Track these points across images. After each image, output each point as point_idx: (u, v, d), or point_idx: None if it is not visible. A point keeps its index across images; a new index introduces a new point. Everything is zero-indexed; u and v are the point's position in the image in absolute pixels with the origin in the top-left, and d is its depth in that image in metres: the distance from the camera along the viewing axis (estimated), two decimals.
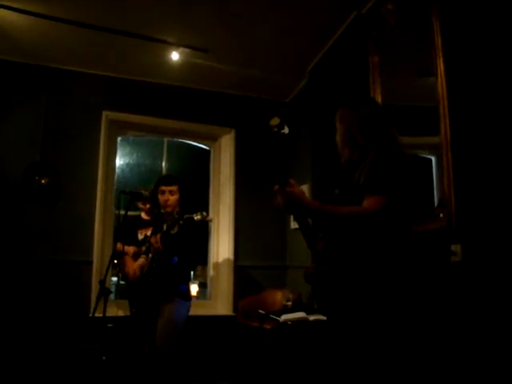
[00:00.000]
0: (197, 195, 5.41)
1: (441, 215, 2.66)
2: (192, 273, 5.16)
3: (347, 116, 2.10)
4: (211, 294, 5.19)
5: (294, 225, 5.02)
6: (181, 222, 3.35)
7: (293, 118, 5.28)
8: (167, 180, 3.59)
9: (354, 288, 1.81)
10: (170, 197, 3.50)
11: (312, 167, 4.57)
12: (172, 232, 3.37)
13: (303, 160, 4.85)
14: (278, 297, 4.64)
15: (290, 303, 4.28)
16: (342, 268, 1.87)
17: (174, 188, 3.52)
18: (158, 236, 3.38)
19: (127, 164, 5.32)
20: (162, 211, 3.58)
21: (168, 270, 3.38)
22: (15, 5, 3.68)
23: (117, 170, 5.04)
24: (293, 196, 1.86)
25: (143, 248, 3.55)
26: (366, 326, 1.78)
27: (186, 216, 3.45)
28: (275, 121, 1.99)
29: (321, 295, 2.02)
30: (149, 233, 3.70)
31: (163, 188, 3.52)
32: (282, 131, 1.99)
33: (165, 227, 3.47)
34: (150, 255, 3.44)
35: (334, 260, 1.92)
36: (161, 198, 3.51)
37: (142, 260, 3.52)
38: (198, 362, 4.53)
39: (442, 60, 2.68)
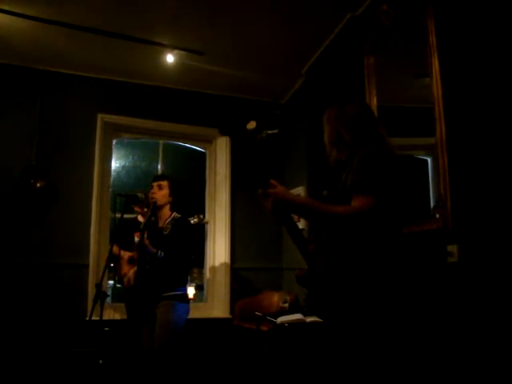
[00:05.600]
0: (193, 197, 5.41)
1: (437, 216, 2.66)
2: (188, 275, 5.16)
3: (334, 116, 2.09)
4: (208, 296, 5.18)
5: None
6: (172, 221, 3.47)
7: (288, 120, 5.30)
8: (157, 176, 3.70)
9: (346, 289, 1.80)
10: (157, 190, 3.54)
11: (307, 169, 4.57)
12: (164, 233, 3.42)
13: (299, 162, 4.85)
14: (275, 299, 4.64)
15: (286, 305, 4.28)
16: (334, 269, 1.86)
17: (162, 183, 3.57)
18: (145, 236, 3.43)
19: (123, 167, 5.31)
20: (153, 219, 3.60)
21: (161, 272, 3.38)
22: (10, 8, 3.67)
23: (112, 173, 5.03)
24: (278, 196, 1.84)
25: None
26: (362, 328, 1.77)
27: (179, 216, 3.53)
28: (251, 125, 1.96)
29: (314, 297, 2.01)
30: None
31: (152, 183, 3.58)
32: (260, 135, 1.96)
33: (142, 226, 3.48)
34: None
35: (326, 261, 1.91)
36: (150, 192, 3.55)
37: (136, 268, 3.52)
38: (195, 365, 4.52)
39: (437, 61, 2.69)
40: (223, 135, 1.95)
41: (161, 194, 3.53)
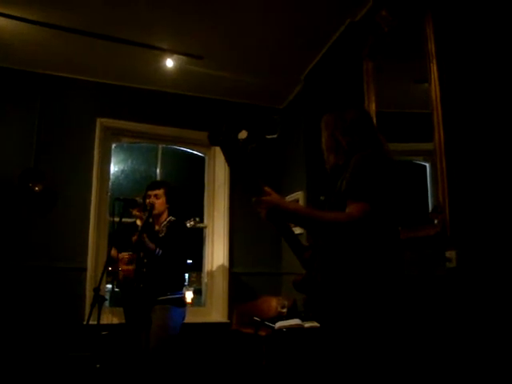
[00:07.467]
0: (191, 202, 5.41)
1: (435, 221, 2.66)
2: (186, 279, 5.17)
3: (331, 121, 2.09)
4: (206, 300, 5.17)
5: None
6: (168, 224, 3.58)
7: (287, 125, 5.30)
8: (152, 185, 3.73)
9: (343, 295, 1.80)
10: (155, 200, 3.60)
11: (306, 174, 4.57)
12: (160, 235, 3.52)
13: (298, 166, 4.85)
14: (273, 304, 4.63)
15: (285, 310, 4.27)
16: (331, 275, 1.86)
17: (158, 192, 3.65)
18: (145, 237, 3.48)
19: (122, 171, 5.30)
20: (150, 220, 3.65)
21: (157, 275, 3.41)
22: (9, 11, 3.68)
23: (111, 177, 5.02)
24: (271, 204, 1.84)
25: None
26: (360, 333, 1.77)
27: (174, 219, 3.61)
28: (243, 134, 1.95)
29: (312, 302, 2.01)
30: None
31: (149, 193, 3.65)
32: (251, 145, 1.95)
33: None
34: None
35: (322, 267, 1.91)
36: (147, 202, 3.59)
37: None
38: (192, 369, 4.50)
39: (435, 66, 2.70)
40: (212, 145, 1.91)
41: (159, 202, 3.60)
